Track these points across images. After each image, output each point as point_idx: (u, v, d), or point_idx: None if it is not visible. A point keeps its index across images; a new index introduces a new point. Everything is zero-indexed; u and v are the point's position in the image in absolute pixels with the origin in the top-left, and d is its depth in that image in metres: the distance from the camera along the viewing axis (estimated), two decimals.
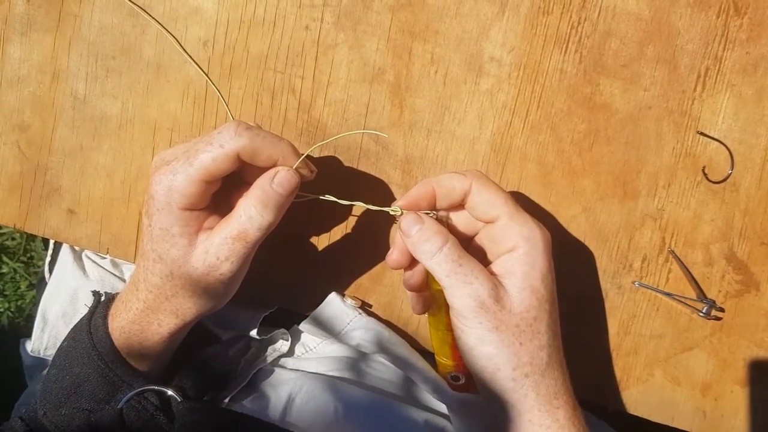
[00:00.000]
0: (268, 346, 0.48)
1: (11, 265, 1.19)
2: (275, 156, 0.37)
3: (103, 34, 0.47)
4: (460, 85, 0.45)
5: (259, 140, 0.37)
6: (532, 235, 0.37)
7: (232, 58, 0.46)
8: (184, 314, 0.39)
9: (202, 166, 0.36)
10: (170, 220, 0.37)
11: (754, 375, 0.47)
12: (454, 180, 0.38)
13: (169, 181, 0.36)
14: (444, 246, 0.36)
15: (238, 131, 0.36)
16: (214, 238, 0.37)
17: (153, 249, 0.38)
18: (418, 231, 0.37)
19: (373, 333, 0.46)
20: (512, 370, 0.36)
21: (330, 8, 0.46)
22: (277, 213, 0.38)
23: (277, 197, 0.37)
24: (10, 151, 0.49)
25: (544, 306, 0.37)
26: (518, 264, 0.37)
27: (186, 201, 0.37)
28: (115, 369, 0.39)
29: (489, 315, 0.36)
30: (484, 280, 0.36)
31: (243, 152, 0.36)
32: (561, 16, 0.44)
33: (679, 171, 0.45)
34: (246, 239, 0.37)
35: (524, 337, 0.36)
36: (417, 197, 0.38)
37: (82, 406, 0.40)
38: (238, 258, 0.38)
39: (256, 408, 0.44)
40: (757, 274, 0.46)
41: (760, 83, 0.44)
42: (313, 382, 0.44)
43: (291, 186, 0.37)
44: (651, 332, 0.47)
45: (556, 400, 0.37)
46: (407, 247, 0.38)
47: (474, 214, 0.39)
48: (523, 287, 0.36)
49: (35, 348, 0.54)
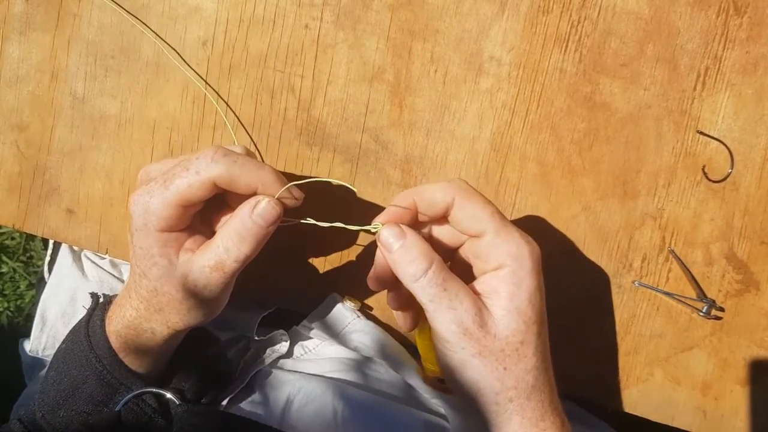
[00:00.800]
0: (267, 348, 0.48)
1: (11, 265, 1.19)
2: (254, 185, 0.36)
3: (102, 34, 0.47)
4: (459, 85, 0.45)
5: (236, 168, 0.35)
6: (519, 253, 0.35)
7: (231, 57, 0.46)
8: (174, 326, 0.39)
9: (177, 192, 0.35)
10: (149, 241, 0.36)
11: (754, 374, 0.47)
12: (437, 192, 0.36)
13: (146, 203, 0.36)
14: (429, 270, 0.34)
15: (215, 158, 0.35)
16: (192, 265, 0.37)
17: (137, 265, 0.38)
18: (401, 248, 0.35)
19: (371, 336, 0.46)
20: (495, 394, 0.35)
21: (329, 7, 0.45)
22: (256, 245, 0.36)
23: (257, 229, 0.36)
24: (9, 151, 0.49)
25: (531, 329, 0.35)
26: (504, 284, 0.35)
27: (163, 223, 0.36)
28: (113, 371, 0.39)
29: (472, 341, 0.34)
30: (468, 305, 0.34)
31: (219, 180, 0.35)
32: (561, 15, 0.44)
33: (679, 170, 0.45)
34: (224, 270, 0.36)
35: (509, 361, 0.35)
36: (398, 213, 0.36)
37: (80, 408, 0.39)
38: (216, 286, 0.37)
39: (255, 410, 0.44)
40: (757, 273, 0.46)
41: (760, 82, 0.44)
42: (312, 384, 0.44)
43: (272, 217, 0.36)
44: (651, 332, 0.47)
45: (542, 422, 0.36)
46: (389, 264, 0.36)
47: (458, 228, 0.37)
48: (509, 309, 0.34)
49: (34, 348, 0.54)
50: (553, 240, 0.46)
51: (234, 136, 0.47)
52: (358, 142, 0.47)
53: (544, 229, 0.46)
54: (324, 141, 0.47)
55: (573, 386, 0.47)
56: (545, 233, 0.46)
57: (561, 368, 0.47)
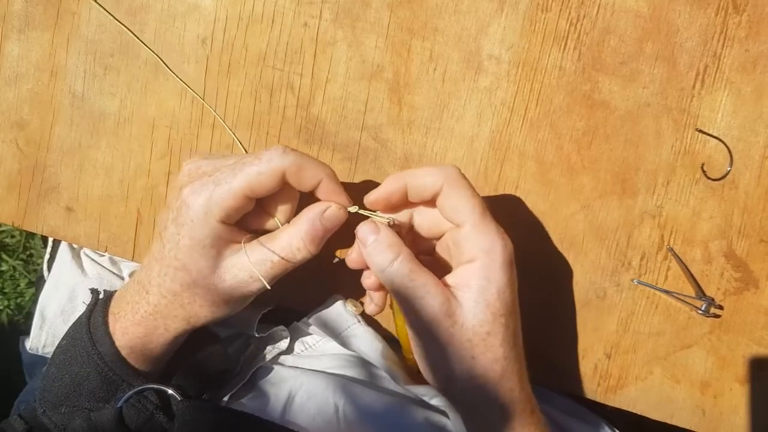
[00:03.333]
0: (268, 344, 0.48)
1: (10, 263, 1.19)
2: (318, 178, 0.37)
3: (102, 32, 0.47)
4: (458, 83, 0.45)
5: (305, 161, 0.37)
6: (492, 248, 0.36)
7: (230, 55, 0.46)
8: (196, 320, 0.40)
9: (246, 179, 0.36)
10: (204, 232, 0.37)
11: (752, 372, 0.47)
12: (427, 177, 0.37)
13: (210, 192, 0.36)
14: (395, 260, 0.36)
15: (286, 151, 0.37)
16: (252, 256, 0.38)
17: (177, 257, 0.38)
18: (374, 242, 0.37)
19: (368, 343, 0.46)
20: (464, 381, 0.36)
21: (328, 5, 0.45)
22: (320, 246, 0.39)
23: (324, 232, 0.38)
24: (9, 149, 0.49)
25: (499, 320, 0.36)
26: (474, 278, 0.36)
27: (224, 214, 0.37)
28: (115, 368, 0.39)
29: (440, 329, 0.35)
30: (436, 294, 0.35)
31: (289, 170, 0.36)
32: (560, 13, 0.44)
33: (678, 168, 0.45)
34: (286, 267, 0.38)
35: (476, 350, 0.36)
36: (388, 192, 0.38)
37: (81, 404, 0.40)
38: (270, 280, 0.38)
39: (256, 406, 0.44)
40: (756, 271, 0.46)
41: (759, 81, 0.44)
42: (313, 380, 0.44)
43: (338, 223, 0.38)
44: (650, 330, 0.47)
45: (511, 408, 0.37)
46: (363, 256, 0.38)
47: (443, 214, 0.38)
48: (477, 301, 0.36)
49: (34, 345, 0.54)
50: (551, 238, 0.46)
51: (234, 135, 0.47)
52: (357, 140, 0.47)
53: (543, 227, 0.46)
54: (323, 139, 0.47)
55: (571, 384, 0.48)
56: (544, 231, 0.46)
57: (560, 366, 0.47)
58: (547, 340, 0.47)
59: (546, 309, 0.47)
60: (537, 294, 0.46)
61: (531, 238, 0.46)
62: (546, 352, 0.47)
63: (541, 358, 0.46)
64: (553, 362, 0.47)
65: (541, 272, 0.46)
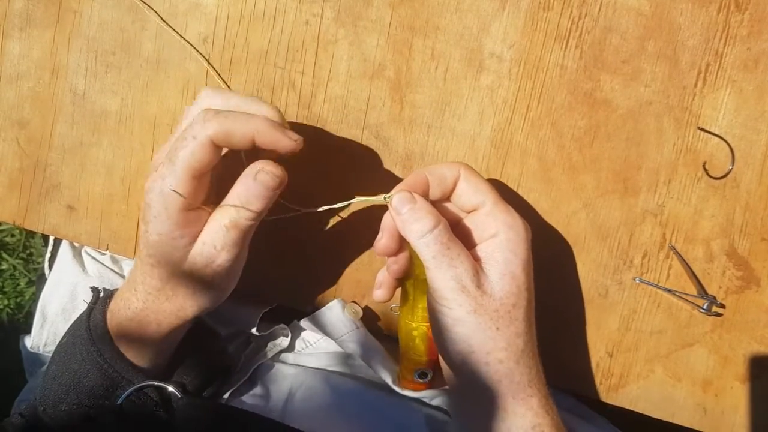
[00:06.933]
0: (268, 342, 0.48)
1: (11, 262, 1.19)
2: (249, 134, 0.36)
3: (103, 30, 0.47)
4: (460, 81, 0.45)
5: (228, 123, 0.35)
6: (515, 223, 0.38)
7: (232, 53, 0.46)
8: (184, 313, 0.39)
9: (184, 164, 0.35)
10: (169, 225, 0.36)
11: (754, 371, 0.47)
12: (445, 168, 0.39)
13: (160, 187, 0.36)
14: (435, 228, 0.36)
15: (206, 118, 0.35)
16: (208, 228, 0.37)
17: (149, 254, 0.38)
18: (410, 210, 0.37)
19: (366, 350, 0.46)
20: (486, 354, 0.36)
21: (330, 3, 0.45)
22: (266, 202, 0.37)
23: (263, 191, 0.36)
24: (10, 148, 0.49)
25: (523, 294, 0.37)
26: (500, 250, 0.37)
27: (181, 202, 0.36)
28: (115, 365, 0.39)
29: (469, 298, 0.36)
30: (468, 265, 0.36)
31: (216, 138, 0.35)
32: (561, 11, 0.44)
33: (679, 167, 0.45)
34: (238, 227, 0.37)
35: (501, 322, 0.36)
36: (411, 186, 0.38)
37: (81, 402, 0.40)
38: (233, 245, 0.37)
39: (257, 403, 0.44)
40: (757, 270, 0.46)
41: (761, 79, 0.44)
42: (313, 378, 0.44)
43: (275, 183, 0.36)
44: (651, 328, 0.47)
45: (530, 388, 0.37)
46: (397, 225, 0.38)
47: (459, 201, 0.39)
48: (504, 273, 0.37)
49: (35, 344, 0.54)
50: (553, 237, 0.46)
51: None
52: (359, 138, 0.47)
53: (545, 225, 0.46)
54: None
55: (573, 382, 0.48)
56: (546, 230, 0.46)
57: (561, 364, 0.47)
58: (549, 338, 0.47)
59: (548, 307, 0.47)
60: (538, 292, 0.46)
61: (532, 236, 0.46)
62: (547, 350, 0.47)
63: (543, 355, 0.46)
64: (554, 360, 0.47)
65: (542, 271, 0.46)
